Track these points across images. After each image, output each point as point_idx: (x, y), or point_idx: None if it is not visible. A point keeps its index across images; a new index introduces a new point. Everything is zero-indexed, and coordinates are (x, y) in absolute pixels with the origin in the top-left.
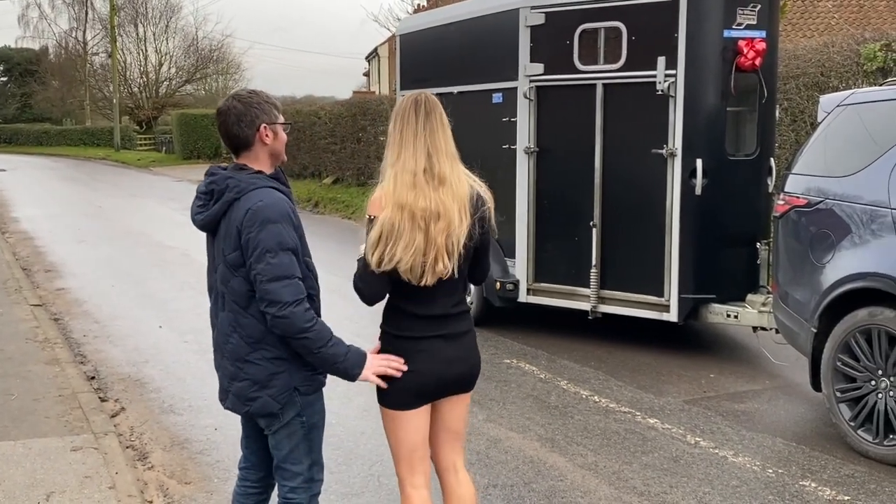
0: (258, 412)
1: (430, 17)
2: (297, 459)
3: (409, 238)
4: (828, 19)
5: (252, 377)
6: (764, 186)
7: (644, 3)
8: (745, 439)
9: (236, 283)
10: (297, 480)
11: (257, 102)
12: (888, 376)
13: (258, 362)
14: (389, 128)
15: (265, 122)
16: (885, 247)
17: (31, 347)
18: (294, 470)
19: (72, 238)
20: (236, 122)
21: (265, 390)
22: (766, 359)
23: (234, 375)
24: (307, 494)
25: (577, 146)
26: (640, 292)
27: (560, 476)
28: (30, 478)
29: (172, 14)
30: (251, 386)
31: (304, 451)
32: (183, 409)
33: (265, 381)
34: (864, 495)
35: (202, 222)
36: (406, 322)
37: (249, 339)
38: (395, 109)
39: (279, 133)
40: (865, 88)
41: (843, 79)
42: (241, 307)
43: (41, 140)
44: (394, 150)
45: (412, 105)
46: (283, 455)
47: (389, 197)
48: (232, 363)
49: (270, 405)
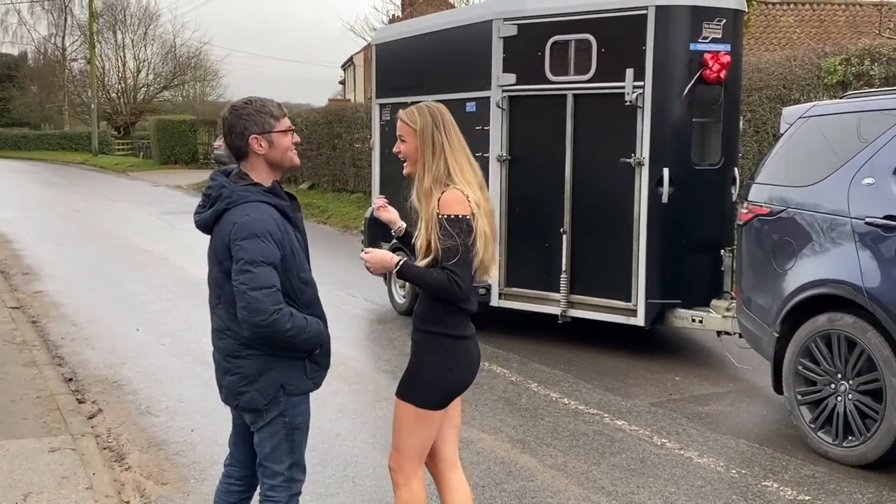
0: (245, 406)
1: (405, 28)
2: (279, 459)
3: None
4: (790, 34)
5: (242, 372)
6: (728, 195)
7: (613, 17)
8: (710, 441)
9: (230, 289)
10: (278, 479)
11: (247, 113)
12: (847, 380)
13: (249, 358)
14: (437, 134)
15: (254, 133)
16: (844, 255)
17: (8, 349)
18: (275, 469)
19: (50, 241)
20: (229, 133)
21: (253, 385)
22: (730, 362)
23: (226, 370)
24: (287, 493)
25: (548, 155)
26: (609, 297)
27: (530, 476)
28: (7, 478)
29: (151, 21)
30: (241, 380)
31: (285, 450)
32: (160, 410)
33: (254, 377)
34: (825, 495)
35: (198, 224)
36: (464, 322)
37: (242, 338)
38: (442, 118)
39: (275, 141)
40: (826, 101)
41: (805, 91)
42: (234, 311)
43: (19, 144)
44: (460, 155)
45: (448, 115)
46: (265, 453)
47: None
48: (224, 358)
49: (257, 400)
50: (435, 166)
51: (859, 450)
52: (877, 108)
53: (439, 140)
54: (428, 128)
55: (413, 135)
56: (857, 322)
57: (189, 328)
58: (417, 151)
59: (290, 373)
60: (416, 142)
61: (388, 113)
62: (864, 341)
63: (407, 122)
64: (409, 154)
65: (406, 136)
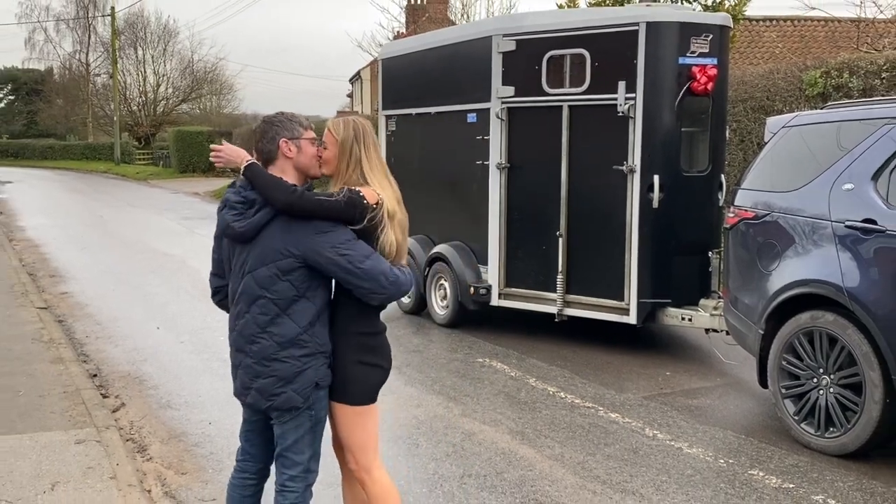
0: (281, 406)
1: (409, 43)
2: (300, 450)
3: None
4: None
5: (278, 374)
6: (715, 200)
7: (606, 32)
8: (699, 432)
9: (284, 287)
10: (297, 469)
11: (279, 121)
12: (829, 374)
13: (286, 360)
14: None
15: (285, 137)
16: (825, 256)
17: (36, 347)
18: (295, 459)
19: (75, 245)
20: (261, 138)
21: (290, 385)
22: (718, 358)
23: (258, 373)
24: (303, 484)
25: (545, 162)
26: (603, 297)
27: (529, 466)
28: (36, 469)
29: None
30: (276, 382)
31: (307, 442)
32: (179, 404)
33: (291, 378)
34: (807, 483)
35: (243, 230)
36: (377, 319)
37: (282, 339)
38: (364, 134)
39: (304, 147)
40: (808, 112)
41: (787, 102)
42: (281, 309)
43: (46, 154)
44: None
45: (371, 133)
46: (287, 445)
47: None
48: (258, 362)
49: (294, 399)
50: (348, 176)
51: (840, 440)
52: (855, 118)
53: (356, 154)
54: (349, 140)
55: (334, 144)
56: (837, 320)
57: (207, 327)
58: (336, 159)
59: (321, 370)
60: (336, 150)
61: (394, 124)
62: (845, 338)
63: (331, 132)
64: (328, 160)
65: (328, 144)
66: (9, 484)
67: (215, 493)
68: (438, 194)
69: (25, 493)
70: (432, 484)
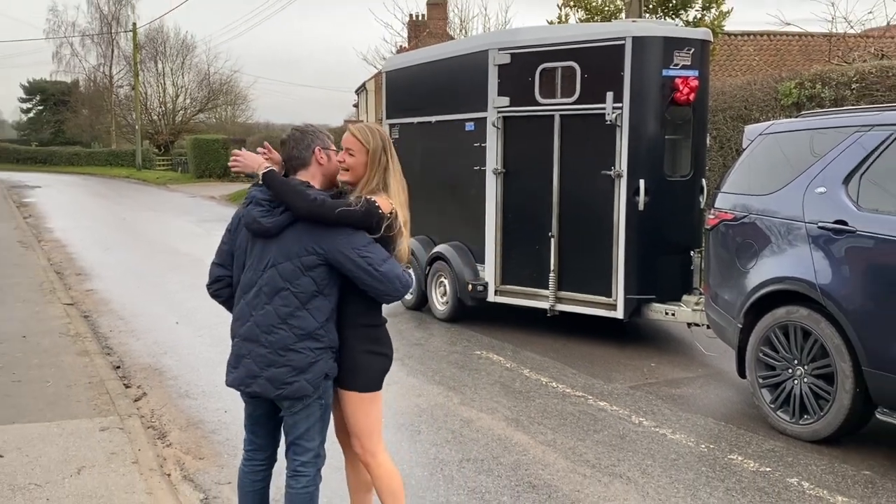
0: (292, 395)
1: (412, 57)
2: (312, 437)
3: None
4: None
5: (293, 363)
6: (697, 203)
7: (595, 46)
8: (682, 419)
9: (306, 282)
10: (309, 455)
11: (312, 131)
12: (803, 365)
13: (302, 351)
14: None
15: (319, 146)
16: (799, 255)
17: (63, 341)
18: (307, 446)
19: (99, 246)
20: (296, 146)
21: (303, 375)
22: (699, 350)
23: (272, 362)
24: (314, 468)
25: (538, 168)
26: (592, 293)
27: (523, 451)
28: (63, 454)
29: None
30: (290, 372)
31: (318, 430)
32: (197, 394)
33: (304, 368)
34: (783, 467)
35: (270, 225)
36: (380, 313)
37: (300, 331)
38: (389, 142)
39: (332, 157)
40: (783, 120)
41: (764, 112)
42: (301, 303)
43: (72, 161)
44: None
45: (390, 141)
46: (299, 433)
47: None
48: (272, 351)
49: (306, 388)
50: (374, 183)
51: (813, 427)
52: (827, 126)
53: (384, 162)
54: (378, 149)
55: (363, 151)
56: (811, 314)
57: (223, 322)
58: (364, 167)
59: (330, 363)
60: (365, 158)
61: (397, 132)
62: (818, 331)
63: (359, 139)
64: (355, 167)
65: (355, 151)
66: (38, 468)
67: (230, 476)
68: (438, 198)
69: (53, 477)
70: (433, 468)
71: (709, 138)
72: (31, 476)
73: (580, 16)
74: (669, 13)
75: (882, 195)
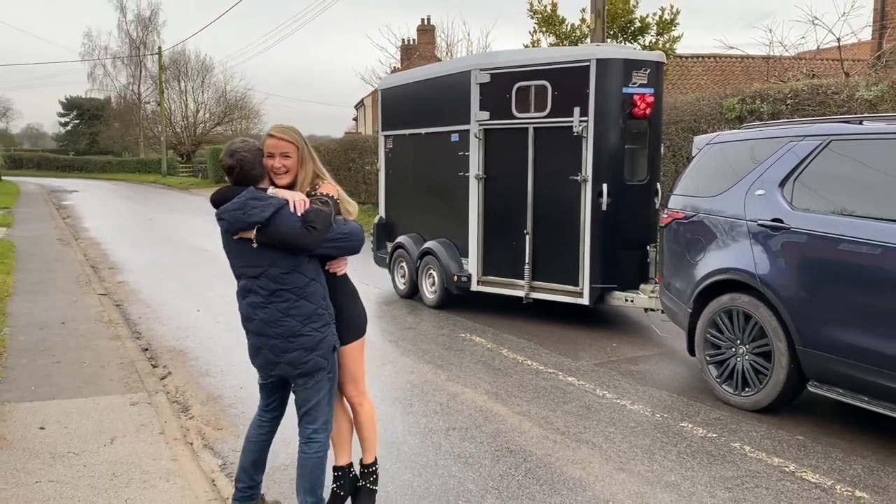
0: (310, 370)
1: (404, 76)
2: (321, 407)
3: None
4: (698, 80)
5: (304, 345)
6: (652, 204)
7: (564, 67)
8: (640, 392)
9: (297, 278)
10: (320, 423)
11: (252, 146)
12: (744, 344)
13: (309, 333)
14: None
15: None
16: (741, 249)
17: (98, 327)
18: (317, 416)
19: (129, 243)
20: (253, 167)
21: (314, 352)
22: (654, 332)
23: (286, 349)
24: (326, 433)
25: (515, 174)
26: (561, 283)
27: (502, 421)
28: (98, 426)
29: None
30: (304, 352)
31: (327, 400)
32: (216, 372)
33: (314, 346)
34: (728, 433)
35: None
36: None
37: (303, 317)
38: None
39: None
40: (727, 131)
41: (711, 124)
42: (298, 295)
43: (105, 168)
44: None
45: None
46: (311, 405)
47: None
48: (283, 340)
49: (320, 363)
50: (311, 175)
51: (754, 398)
52: (766, 136)
53: (311, 153)
54: (303, 143)
55: (296, 150)
56: (751, 300)
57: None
58: (298, 164)
59: (334, 336)
60: (298, 156)
61: (392, 142)
62: (757, 315)
63: (290, 140)
64: (292, 167)
65: (290, 152)
66: (76, 438)
67: None
68: (428, 200)
69: (89, 446)
70: (423, 436)
71: (663, 147)
72: (70, 445)
73: (551, 40)
74: (629, 38)
75: (813, 196)
